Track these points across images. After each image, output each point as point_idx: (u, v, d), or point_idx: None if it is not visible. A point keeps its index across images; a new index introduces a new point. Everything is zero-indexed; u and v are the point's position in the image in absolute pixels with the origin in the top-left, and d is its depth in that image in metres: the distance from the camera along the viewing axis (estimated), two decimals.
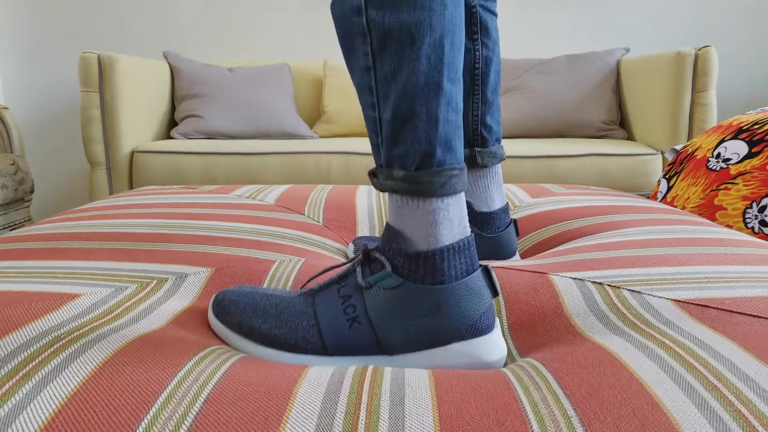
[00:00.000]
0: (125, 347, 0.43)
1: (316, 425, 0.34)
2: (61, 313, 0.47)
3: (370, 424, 0.35)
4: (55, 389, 0.37)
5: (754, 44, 2.63)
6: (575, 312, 0.52)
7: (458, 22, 0.48)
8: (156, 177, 1.95)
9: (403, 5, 0.45)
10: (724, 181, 1.14)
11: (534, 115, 2.24)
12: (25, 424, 0.34)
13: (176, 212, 0.91)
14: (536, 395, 0.37)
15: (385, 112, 0.48)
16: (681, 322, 0.46)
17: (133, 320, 0.48)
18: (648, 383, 0.37)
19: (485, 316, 0.46)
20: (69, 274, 0.57)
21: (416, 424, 0.35)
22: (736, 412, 0.33)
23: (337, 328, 0.47)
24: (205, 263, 0.62)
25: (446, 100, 0.47)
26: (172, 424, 0.34)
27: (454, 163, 0.47)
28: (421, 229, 0.46)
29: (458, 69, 0.48)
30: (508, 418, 0.35)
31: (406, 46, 0.46)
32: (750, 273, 0.55)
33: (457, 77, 0.48)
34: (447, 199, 0.47)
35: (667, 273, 0.57)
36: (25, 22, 2.71)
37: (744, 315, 0.46)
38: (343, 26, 0.49)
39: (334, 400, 0.37)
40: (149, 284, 0.55)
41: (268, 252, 0.70)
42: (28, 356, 0.40)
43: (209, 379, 0.39)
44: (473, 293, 0.45)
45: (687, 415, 0.33)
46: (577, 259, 0.63)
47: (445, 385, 0.39)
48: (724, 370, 0.38)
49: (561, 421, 0.34)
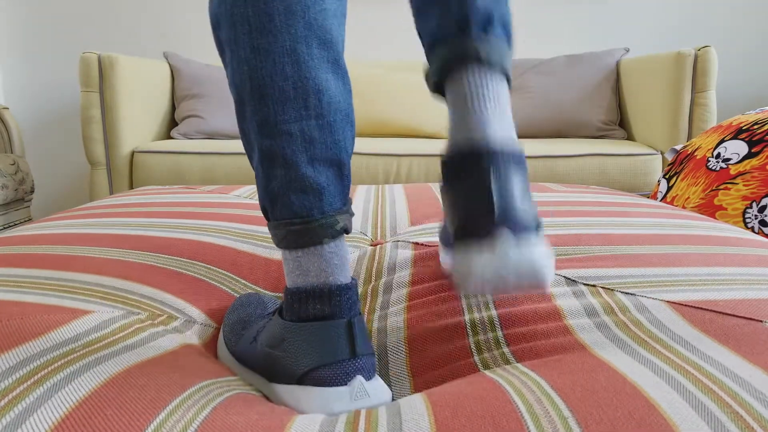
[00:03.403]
0: (137, 365, 0.43)
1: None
2: (74, 327, 0.47)
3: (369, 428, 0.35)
4: (67, 394, 0.37)
5: (754, 44, 2.63)
6: (570, 313, 0.52)
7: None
8: (156, 177, 1.95)
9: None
10: (724, 181, 1.15)
11: (533, 115, 2.24)
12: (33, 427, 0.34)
13: (176, 212, 0.91)
14: (530, 397, 0.37)
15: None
16: (674, 326, 0.46)
17: (143, 342, 0.48)
18: (643, 386, 0.37)
19: (332, 369, 0.42)
20: (81, 290, 0.57)
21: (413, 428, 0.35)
22: (734, 413, 0.33)
23: (246, 344, 0.50)
24: (212, 304, 0.62)
25: (265, 155, 0.45)
26: (180, 427, 0.34)
27: (292, 216, 0.45)
28: (286, 268, 0.47)
29: (278, 121, 0.44)
30: (504, 420, 0.35)
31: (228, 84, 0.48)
32: (745, 275, 0.56)
33: (279, 130, 0.44)
34: (294, 252, 0.45)
35: (662, 274, 0.57)
36: (25, 23, 2.71)
37: (737, 317, 0.46)
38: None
39: (333, 421, 0.38)
40: (159, 317, 0.55)
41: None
42: (41, 364, 0.41)
43: (215, 398, 0.39)
44: (318, 340, 0.43)
45: (684, 417, 0.33)
46: (571, 257, 0.63)
47: (438, 392, 0.39)
48: (719, 374, 0.38)
49: (557, 422, 0.34)
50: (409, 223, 0.87)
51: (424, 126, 2.26)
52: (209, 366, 0.47)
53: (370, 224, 0.88)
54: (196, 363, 0.46)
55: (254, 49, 0.44)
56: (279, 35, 0.43)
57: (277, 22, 0.43)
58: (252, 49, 0.44)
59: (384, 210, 0.96)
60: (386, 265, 0.70)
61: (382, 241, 0.80)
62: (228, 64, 0.46)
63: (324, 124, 0.45)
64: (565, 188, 1.14)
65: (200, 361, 0.47)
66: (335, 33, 0.46)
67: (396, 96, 2.30)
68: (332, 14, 0.46)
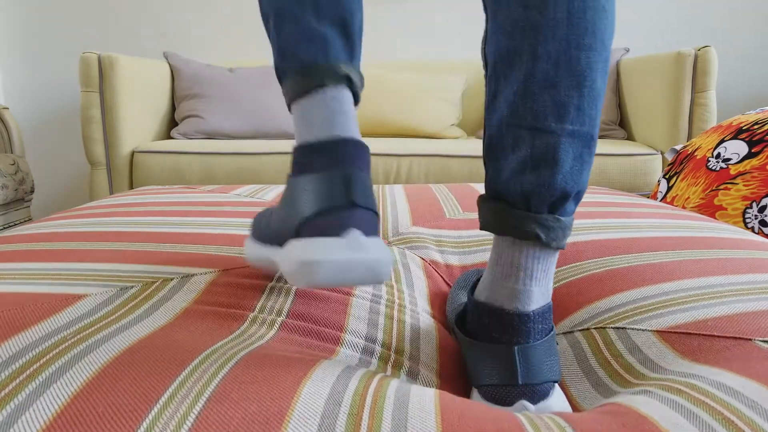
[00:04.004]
0: (129, 349, 0.43)
1: (318, 426, 0.34)
2: (67, 314, 0.48)
3: (373, 425, 0.35)
4: (59, 390, 0.37)
5: (753, 44, 2.63)
6: (567, 376, 0.52)
7: None
8: (156, 177, 1.95)
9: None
10: (724, 181, 1.15)
11: None
12: (27, 424, 0.34)
13: (176, 211, 0.91)
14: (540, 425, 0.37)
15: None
16: (666, 363, 0.46)
17: (137, 320, 0.48)
18: (637, 406, 0.37)
19: (327, 218, 0.42)
20: (75, 276, 0.57)
21: (419, 426, 0.35)
22: (726, 420, 0.34)
23: (267, 226, 0.51)
24: (211, 264, 0.62)
25: (278, 15, 0.48)
26: (174, 423, 0.34)
27: (299, 64, 0.47)
28: (295, 127, 0.49)
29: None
30: (506, 424, 0.35)
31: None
32: (736, 284, 0.55)
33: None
34: (300, 102, 0.47)
35: (653, 294, 0.57)
36: (25, 23, 2.71)
37: (726, 339, 0.46)
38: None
39: (338, 401, 0.37)
40: (154, 283, 0.55)
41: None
42: (33, 357, 0.41)
43: (211, 379, 0.39)
44: (314, 189, 0.43)
45: (676, 424, 0.33)
46: (568, 281, 0.63)
47: (449, 405, 0.39)
48: (710, 387, 0.38)
49: (554, 430, 0.34)
50: (410, 224, 0.87)
51: (424, 126, 2.26)
52: (204, 336, 0.46)
53: None
54: (191, 336, 0.46)
55: None
56: None
57: None
58: None
59: (385, 212, 0.96)
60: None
61: (386, 241, 0.80)
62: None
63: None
64: None
65: (193, 330, 0.47)
66: None
67: (396, 96, 2.30)
68: None
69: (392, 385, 0.40)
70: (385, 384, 0.40)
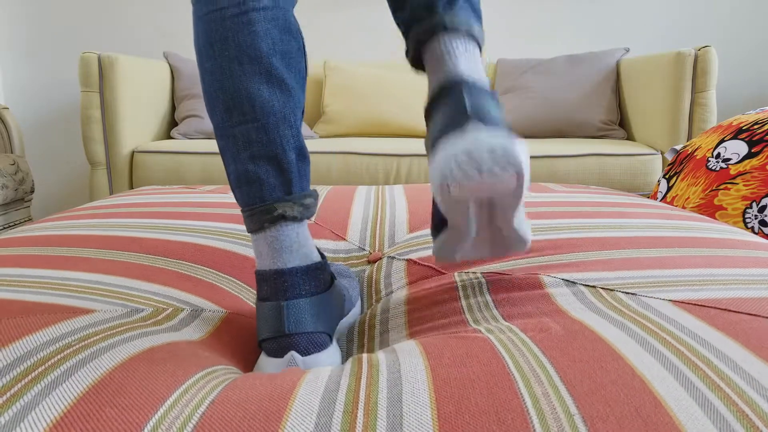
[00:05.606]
0: (134, 357, 0.43)
1: (314, 424, 0.35)
2: (74, 323, 0.48)
3: (368, 422, 0.35)
4: (62, 393, 0.37)
5: (754, 44, 2.63)
6: (567, 306, 0.52)
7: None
8: (156, 177, 1.95)
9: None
10: (724, 181, 1.15)
11: (533, 115, 2.24)
12: (32, 424, 0.34)
13: (176, 212, 0.91)
14: (538, 390, 0.37)
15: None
16: (681, 319, 0.46)
17: (143, 335, 0.48)
18: (650, 380, 0.37)
19: (271, 343, 0.50)
20: (82, 288, 0.56)
21: (415, 424, 0.35)
22: (740, 412, 0.33)
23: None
24: (219, 300, 0.62)
25: (222, 154, 0.55)
26: (179, 423, 0.35)
27: (243, 205, 0.54)
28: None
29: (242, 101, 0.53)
30: (509, 416, 0.35)
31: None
32: (744, 275, 0.56)
33: (227, 133, 0.54)
34: (252, 236, 0.54)
35: (661, 275, 0.57)
36: (25, 22, 2.71)
37: (742, 314, 0.46)
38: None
39: (332, 399, 0.38)
40: (164, 311, 0.55)
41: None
42: (38, 360, 0.41)
43: (215, 387, 0.39)
44: (262, 318, 0.51)
45: (691, 415, 0.33)
46: (568, 261, 0.63)
47: (443, 377, 0.39)
48: (727, 369, 0.38)
49: (563, 420, 0.34)
50: (408, 230, 0.87)
51: (424, 126, 2.26)
52: (209, 357, 0.47)
53: (369, 233, 0.88)
54: (197, 353, 0.46)
55: (205, 71, 0.54)
56: (217, 58, 0.53)
57: (216, 48, 0.53)
58: (204, 71, 0.55)
59: (384, 214, 0.96)
60: (383, 287, 0.70)
61: (380, 254, 0.80)
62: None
63: (259, 127, 0.53)
64: (565, 188, 1.14)
65: (199, 352, 0.47)
66: (265, 49, 0.53)
67: (396, 96, 2.30)
68: (262, 36, 0.53)
69: (382, 372, 0.41)
70: (375, 374, 0.40)
